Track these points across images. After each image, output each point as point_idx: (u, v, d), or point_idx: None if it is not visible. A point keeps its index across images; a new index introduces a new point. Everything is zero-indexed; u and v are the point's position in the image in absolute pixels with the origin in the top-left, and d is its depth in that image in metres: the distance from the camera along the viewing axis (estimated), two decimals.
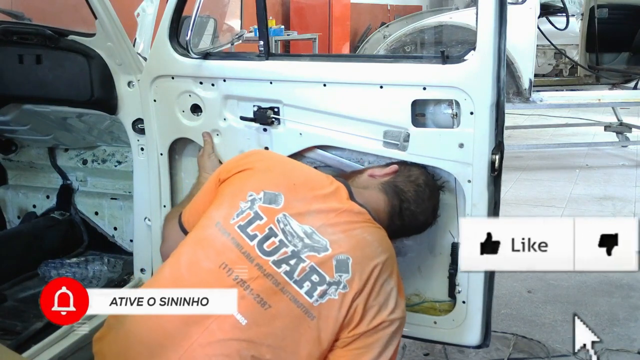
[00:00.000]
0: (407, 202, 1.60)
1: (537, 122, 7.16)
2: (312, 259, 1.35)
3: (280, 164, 1.56)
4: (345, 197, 1.49)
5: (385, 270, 1.41)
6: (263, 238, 1.36)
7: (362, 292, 1.35)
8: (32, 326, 1.88)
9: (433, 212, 1.69)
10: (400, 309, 1.43)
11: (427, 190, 1.65)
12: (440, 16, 5.63)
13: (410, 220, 1.62)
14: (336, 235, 1.40)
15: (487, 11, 1.55)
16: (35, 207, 2.65)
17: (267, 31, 1.83)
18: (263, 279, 1.33)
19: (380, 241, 1.46)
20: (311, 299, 1.32)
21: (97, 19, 1.94)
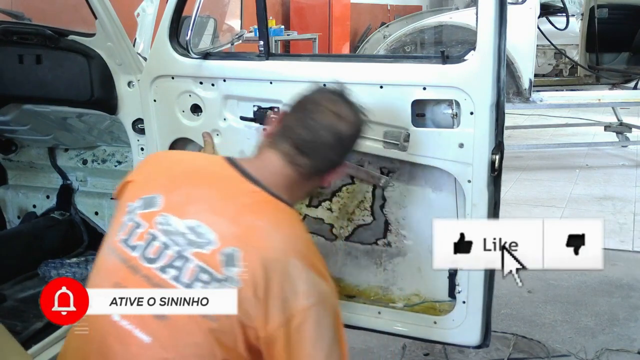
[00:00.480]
0: (297, 134, 1.37)
1: (537, 122, 7.16)
2: (198, 256, 1.23)
3: (163, 162, 1.44)
4: (236, 178, 1.33)
5: (286, 254, 1.25)
6: (145, 245, 1.26)
7: (258, 285, 1.20)
8: (32, 326, 1.89)
9: (339, 118, 1.39)
10: (316, 291, 1.25)
11: (318, 105, 1.40)
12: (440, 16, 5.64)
13: (314, 150, 1.36)
14: (223, 225, 1.25)
15: (487, 11, 1.55)
16: (35, 207, 2.65)
17: (267, 31, 1.83)
18: (152, 291, 1.24)
19: (277, 223, 1.29)
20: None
21: (97, 19, 1.95)
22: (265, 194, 1.33)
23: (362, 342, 2.64)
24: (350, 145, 1.44)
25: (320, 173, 1.41)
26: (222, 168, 1.37)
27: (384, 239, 1.87)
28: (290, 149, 1.36)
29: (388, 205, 1.84)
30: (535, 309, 2.97)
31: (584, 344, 2.64)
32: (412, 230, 1.84)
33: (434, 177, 1.76)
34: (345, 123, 1.39)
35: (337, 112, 1.39)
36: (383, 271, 1.90)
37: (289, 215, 1.35)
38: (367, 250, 1.90)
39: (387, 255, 1.89)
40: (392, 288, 1.89)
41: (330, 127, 1.38)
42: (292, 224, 1.34)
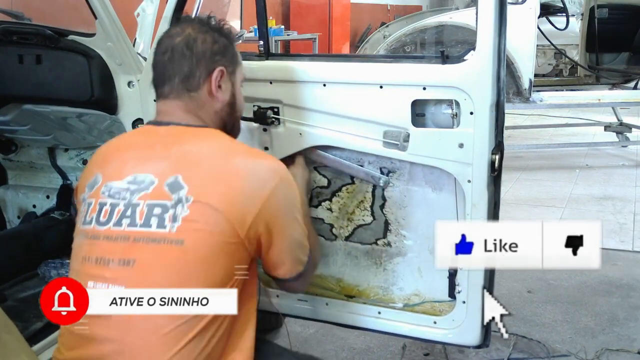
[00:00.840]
0: (156, 74, 1.47)
1: (537, 122, 7.16)
2: (144, 197, 1.32)
3: (98, 152, 1.52)
4: (152, 130, 1.45)
5: (226, 158, 1.37)
6: (97, 214, 1.35)
7: (209, 191, 1.30)
8: (32, 326, 1.89)
9: (175, 36, 1.46)
10: (271, 171, 1.37)
11: (161, 43, 1.48)
12: (440, 16, 5.63)
13: (171, 72, 1.44)
14: (156, 165, 1.35)
15: (487, 11, 1.54)
16: (35, 207, 2.65)
17: (267, 31, 1.83)
18: (114, 244, 1.31)
19: (203, 141, 1.40)
20: (166, 229, 1.28)
21: (97, 19, 1.95)
22: (180, 127, 1.42)
23: (362, 342, 2.64)
24: (196, 49, 1.45)
25: (190, 87, 1.44)
26: (140, 130, 1.50)
27: (384, 239, 1.88)
28: (162, 87, 1.46)
29: (388, 205, 1.84)
30: (535, 309, 2.97)
31: (584, 344, 2.64)
32: (412, 230, 1.84)
33: (434, 177, 1.76)
34: (174, 37, 1.46)
35: (169, 35, 1.48)
36: (383, 271, 1.90)
37: (210, 132, 1.44)
38: (367, 250, 1.90)
39: (387, 255, 1.89)
40: (392, 288, 1.89)
41: (164, 49, 1.46)
42: (217, 136, 1.43)
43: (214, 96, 1.47)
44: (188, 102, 1.45)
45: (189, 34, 1.45)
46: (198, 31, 1.46)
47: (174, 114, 1.44)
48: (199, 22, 1.49)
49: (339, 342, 2.65)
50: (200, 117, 1.46)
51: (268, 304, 1.93)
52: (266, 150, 1.85)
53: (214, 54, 1.47)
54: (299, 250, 1.45)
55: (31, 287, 2.21)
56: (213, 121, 1.49)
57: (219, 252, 1.30)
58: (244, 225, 1.31)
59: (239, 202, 1.31)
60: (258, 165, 1.37)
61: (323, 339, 2.68)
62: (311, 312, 1.93)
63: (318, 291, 1.93)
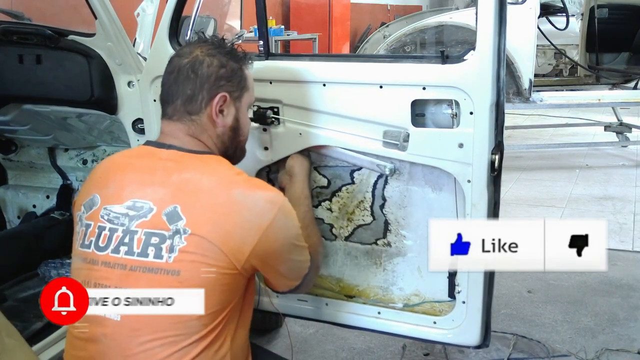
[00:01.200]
0: (163, 94, 1.47)
1: (537, 122, 7.16)
2: (143, 225, 1.32)
3: (96, 171, 1.51)
4: (154, 152, 1.43)
5: (226, 189, 1.36)
6: (96, 238, 1.35)
7: (206, 223, 1.31)
8: (32, 326, 1.89)
9: (184, 57, 1.46)
10: (270, 203, 1.36)
11: (171, 64, 1.48)
12: (440, 16, 5.63)
13: (175, 94, 1.45)
14: (155, 192, 1.35)
15: (486, 11, 1.54)
16: (35, 207, 2.65)
17: (267, 31, 1.83)
18: (112, 271, 1.32)
19: (203, 169, 1.39)
20: (163, 260, 1.29)
21: (97, 19, 1.95)
22: (181, 153, 1.42)
23: (362, 342, 2.64)
24: (202, 72, 1.44)
25: (191, 110, 1.44)
26: (142, 151, 1.47)
27: (384, 239, 1.88)
28: (167, 107, 1.46)
29: (388, 205, 1.84)
30: (535, 309, 2.98)
31: (584, 344, 2.64)
32: (412, 230, 1.84)
33: (434, 177, 1.76)
34: (182, 58, 1.45)
35: (178, 54, 1.47)
36: (383, 271, 1.90)
37: (211, 159, 1.43)
38: (367, 250, 1.90)
39: (386, 255, 1.89)
40: (391, 288, 1.89)
41: (171, 69, 1.46)
42: (218, 165, 1.43)
43: (214, 121, 1.47)
44: (190, 126, 1.44)
45: (197, 56, 1.44)
46: (206, 54, 1.45)
47: (177, 136, 1.44)
48: (211, 44, 1.48)
49: (339, 342, 2.66)
50: (202, 141, 1.46)
51: (268, 304, 1.93)
52: (266, 150, 1.85)
53: (219, 78, 1.46)
54: (299, 266, 1.49)
55: (31, 287, 2.21)
56: (215, 145, 1.48)
57: (214, 283, 1.31)
58: (240, 258, 1.32)
59: (236, 235, 1.32)
60: (256, 198, 1.37)
61: (323, 339, 2.68)
62: (311, 312, 1.94)
63: (318, 291, 1.93)
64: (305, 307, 1.93)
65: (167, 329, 1.29)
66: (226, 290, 1.33)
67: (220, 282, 1.31)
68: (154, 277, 1.29)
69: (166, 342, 1.28)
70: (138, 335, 1.29)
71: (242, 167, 1.88)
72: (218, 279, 1.31)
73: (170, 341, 1.28)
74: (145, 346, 1.29)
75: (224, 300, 1.33)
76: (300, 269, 1.49)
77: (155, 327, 1.29)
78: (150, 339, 1.29)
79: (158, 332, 1.29)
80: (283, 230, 1.39)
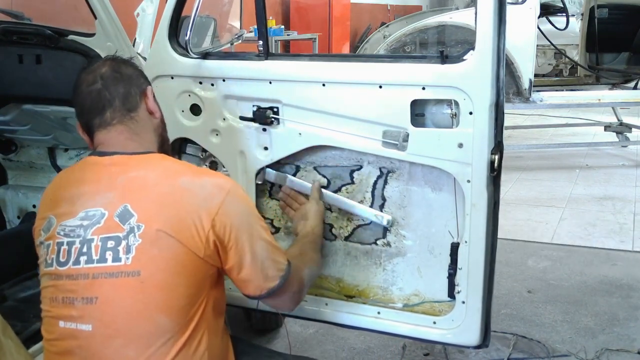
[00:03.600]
0: (86, 110, 1.48)
1: (537, 122, 7.17)
2: (97, 231, 1.32)
3: (46, 192, 1.51)
4: (97, 161, 1.44)
5: (171, 180, 1.37)
6: (56, 255, 1.36)
7: (158, 216, 1.31)
8: (32, 326, 1.88)
9: (88, 72, 1.49)
10: (217, 186, 1.37)
11: (76, 83, 1.51)
12: (440, 16, 5.64)
13: (101, 103, 1.45)
14: (104, 197, 1.35)
15: (486, 11, 1.54)
16: (35, 207, 2.64)
17: (267, 31, 1.83)
18: (76, 282, 1.32)
19: (147, 166, 1.40)
20: (121, 262, 1.29)
21: (97, 19, 1.95)
22: (124, 156, 1.42)
23: (362, 342, 2.64)
24: (124, 72, 1.48)
25: (130, 107, 1.46)
26: (84, 163, 1.47)
27: (384, 239, 1.87)
28: (102, 115, 1.45)
29: (388, 205, 1.84)
30: (535, 309, 2.98)
31: (584, 344, 2.64)
32: (411, 230, 1.84)
33: (433, 177, 1.76)
34: (97, 69, 1.47)
35: (87, 72, 1.48)
36: (382, 271, 1.90)
37: (155, 157, 1.45)
38: (367, 250, 1.90)
39: (386, 255, 1.89)
40: (391, 288, 1.89)
41: (91, 80, 1.46)
42: (160, 160, 1.44)
43: (152, 112, 1.50)
44: (130, 125, 1.45)
45: (111, 64, 1.48)
46: (117, 61, 1.51)
47: (117, 142, 1.44)
48: (112, 58, 1.53)
49: (339, 342, 2.66)
50: (142, 141, 1.47)
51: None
52: (265, 150, 1.85)
53: (138, 76, 1.51)
54: (267, 265, 1.42)
55: (31, 287, 2.21)
56: (153, 141, 1.50)
57: (177, 277, 1.30)
58: (198, 245, 1.32)
59: (189, 222, 1.31)
60: (203, 183, 1.38)
61: (323, 339, 2.68)
62: (311, 312, 1.93)
63: (318, 291, 1.93)
64: (305, 307, 1.93)
65: (138, 332, 1.28)
66: (191, 283, 1.32)
67: (183, 275, 1.31)
68: (116, 281, 1.29)
69: (140, 345, 1.28)
70: (111, 342, 1.29)
71: (242, 167, 1.89)
72: (180, 272, 1.30)
73: (144, 343, 1.28)
74: (120, 352, 1.28)
75: (191, 294, 1.32)
76: (271, 265, 1.42)
77: (126, 332, 1.28)
78: (124, 344, 1.28)
79: (130, 336, 1.28)
80: (237, 213, 1.37)
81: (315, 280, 1.92)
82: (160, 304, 1.29)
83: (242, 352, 1.54)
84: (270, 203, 1.96)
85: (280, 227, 1.98)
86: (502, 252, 3.44)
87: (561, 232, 4.02)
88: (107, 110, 1.44)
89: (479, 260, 1.69)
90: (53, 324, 1.35)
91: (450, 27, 5.24)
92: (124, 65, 1.50)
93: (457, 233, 1.74)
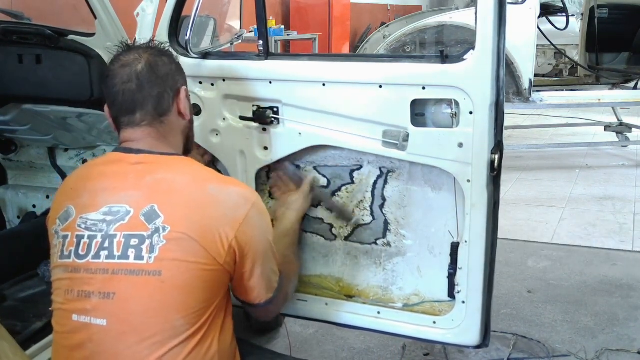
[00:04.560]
0: (118, 105, 1.43)
1: (537, 122, 7.16)
2: (121, 228, 1.32)
3: (66, 181, 1.52)
4: (123, 158, 1.42)
5: (200, 186, 1.38)
6: (75, 247, 1.35)
7: (184, 220, 1.32)
8: (32, 326, 1.89)
9: (126, 66, 1.43)
10: (243, 198, 1.39)
11: (109, 73, 1.45)
12: (440, 16, 5.64)
13: (135, 103, 1.42)
14: (130, 195, 1.35)
15: (486, 11, 1.54)
16: (35, 207, 2.65)
17: (267, 31, 1.83)
18: (94, 277, 1.32)
19: (175, 169, 1.41)
20: (143, 260, 1.29)
21: (97, 19, 1.95)
22: (151, 156, 1.42)
23: (362, 342, 2.64)
24: (160, 71, 1.45)
25: (162, 111, 1.45)
26: (110, 159, 1.48)
27: (384, 239, 1.88)
28: (132, 115, 1.43)
29: (387, 205, 1.84)
30: (535, 309, 2.97)
31: (584, 344, 2.64)
32: (411, 230, 1.84)
33: (434, 177, 1.76)
34: (134, 65, 1.43)
35: (123, 64, 1.44)
36: (382, 271, 1.90)
37: (181, 161, 1.45)
38: (367, 250, 1.90)
39: (386, 255, 1.89)
40: (391, 288, 1.89)
41: (126, 77, 1.42)
42: (189, 164, 1.45)
43: (183, 115, 1.49)
44: (158, 128, 1.44)
45: (148, 59, 1.44)
46: (155, 55, 1.46)
47: (144, 141, 1.43)
48: (146, 47, 1.49)
49: (339, 342, 2.65)
50: (169, 144, 1.46)
51: None
52: (265, 150, 1.85)
53: (173, 74, 1.48)
54: (271, 276, 1.48)
55: (31, 287, 2.21)
56: (179, 142, 1.50)
57: (197, 281, 1.31)
58: (220, 252, 1.33)
59: (214, 229, 1.32)
60: (230, 192, 1.40)
61: (323, 339, 2.68)
62: (311, 312, 1.93)
63: (318, 291, 1.93)
64: (305, 307, 1.93)
65: (153, 331, 1.28)
66: (209, 287, 1.33)
67: (203, 279, 1.32)
68: (136, 279, 1.29)
69: (154, 344, 1.28)
70: (125, 338, 1.29)
71: (242, 167, 1.89)
72: (200, 276, 1.31)
73: (158, 342, 1.28)
74: (133, 349, 1.28)
75: (208, 298, 1.33)
76: (273, 276, 1.48)
77: (141, 329, 1.29)
78: (138, 341, 1.28)
79: (144, 334, 1.28)
80: (259, 227, 1.40)
81: (315, 280, 1.93)
82: (178, 305, 1.30)
83: (247, 354, 1.55)
84: (270, 203, 1.96)
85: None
86: (502, 252, 3.44)
87: (561, 232, 4.02)
88: (137, 112, 1.42)
89: (479, 260, 1.69)
90: (66, 317, 1.35)
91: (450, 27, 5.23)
92: (161, 62, 1.46)
93: (457, 233, 1.74)
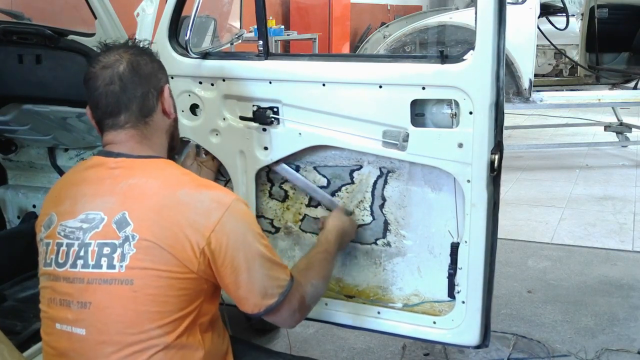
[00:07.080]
0: (101, 108, 1.41)
1: (537, 122, 7.16)
2: (95, 236, 1.31)
3: (53, 188, 1.50)
4: (102, 162, 1.40)
5: (172, 191, 1.33)
6: (55, 255, 1.35)
7: (153, 227, 1.28)
8: (32, 326, 1.89)
9: (107, 68, 1.40)
10: (216, 203, 1.33)
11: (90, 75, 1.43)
12: (440, 16, 5.63)
13: (119, 104, 1.40)
14: (105, 202, 1.33)
15: (486, 11, 1.55)
16: (35, 207, 2.65)
17: (267, 31, 1.83)
18: (72, 286, 1.31)
19: (150, 173, 1.37)
20: (115, 269, 1.28)
21: (97, 19, 1.95)
22: (130, 159, 1.39)
23: (362, 342, 2.64)
24: (143, 71, 1.42)
25: (147, 112, 1.42)
26: (91, 162, 1.44)
27: (384, 239, 1.88)
28: (117, 116, 1.40)
29: (387, 205, 1.84)
30: (535, 309, 2.98)
31: (584, 344, 2.64)
32: (411, 230, 1.84)
33: (433, 177, 1.76)
34: (115, 66, 1.40)
35: (104, 65, 1.41)
36: (382, 271, 1.90)
37: (159, 163, 1.42)
38: (367, 250, 1.90)
39: (386, 255, 1.89)
40: (391, 288, 1.89)
41: (108, 79, 1.39)
42: (165, 167, 1.41)
43: (167, 114, 1.46)
44: (142, 130, 1.42)
45: (130, 59, 1.41)
46: (135, 54, 1.43)
47: (126, 144, 1.41)
48: (126, 46, 1.45)
49: (339, 342, 2.66)
50: (152, 145, 1.43)
51: None
52: (265, 150, 1.85)
53: (157, 72, 1.46)
54: (268, 282, 1.37)
55: (31, 287, 2.21)
56: (163, 142, 1.47)
57: (169, 290, 1.29)
58: (192, 260, 1.29)
59: (182, 237, 1.28)
60: (202, 197, 1.34)
61: (323, 339, 2.68)
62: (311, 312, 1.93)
63: None
64: None
65: (130, 340, 1.27)
66: (185, 295, 1.30)
67: (177, 287, 1.29)
68: (109, 288, 1.28)
69: (133, 353, 1.27)
70: (103, 348, 1.28)
71: (242, 167, 1.89)
72: (173, 285, 1.28)
73: (136, 351, 1.27)
74: (111, 358, 1.28)
75: (184, 307, 1.31)
76: (270, 283, 1.38)
77: (118, 339, 1.28)
78: (115, 351, 1.27)
79: (122, 343, 1.28)
80: (234, 232, 1.33)
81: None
82: (152, 314, 1.28)
83: (242, 353, 1.54)
84: (270, 203, 1.96)
85: (280, 227, 1.98)
86: (502, 252, 3.45)
87: (561, 232, 4.02)
88: (122, 114, 1.40)
89: (479, 260, 1.69)
90: (50, 326, 1.35)
91: (450, 27, 5.23)
92: (143, 61, 1.43)
93: (457, 233, 1.74)
